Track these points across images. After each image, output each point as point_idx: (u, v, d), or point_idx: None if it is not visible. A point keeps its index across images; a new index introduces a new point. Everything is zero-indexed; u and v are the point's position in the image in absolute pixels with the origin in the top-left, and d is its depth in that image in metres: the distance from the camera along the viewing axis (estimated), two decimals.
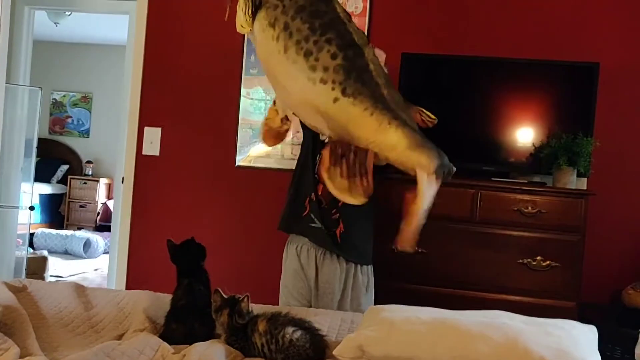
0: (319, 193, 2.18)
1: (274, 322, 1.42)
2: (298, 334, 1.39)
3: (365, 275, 2.21)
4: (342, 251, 2.16)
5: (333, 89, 1.58)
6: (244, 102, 3.33)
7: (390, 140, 1.57)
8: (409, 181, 2.62)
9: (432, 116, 1.84)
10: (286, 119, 1.96)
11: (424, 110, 1.84)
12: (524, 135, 2.87)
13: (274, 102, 1.99)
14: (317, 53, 1.59)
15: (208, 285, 1.63)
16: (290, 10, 1.62)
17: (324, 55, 1.59)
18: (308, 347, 1.39)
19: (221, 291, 1.52)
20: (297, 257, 2.21)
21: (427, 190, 1.57)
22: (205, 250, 1.69)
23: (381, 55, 2.21)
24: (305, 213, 2.19)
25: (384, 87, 1.62)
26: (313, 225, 2.17)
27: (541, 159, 2.75)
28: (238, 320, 1.46)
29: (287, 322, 1.43)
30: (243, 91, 3.33)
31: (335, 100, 1.58)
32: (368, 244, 2.25)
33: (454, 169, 1.63)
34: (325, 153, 1.74)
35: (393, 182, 2.69)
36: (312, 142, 2.22)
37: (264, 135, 2.15)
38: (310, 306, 2.18)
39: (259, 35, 1.68)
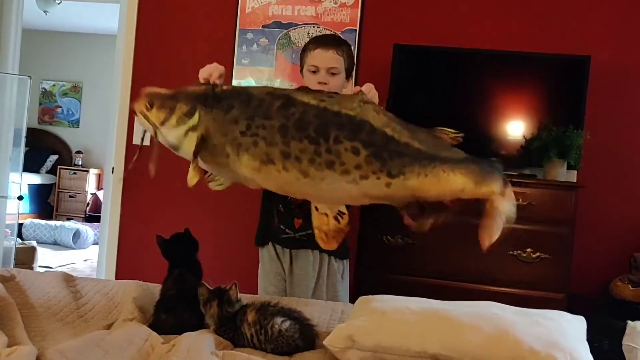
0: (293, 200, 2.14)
1: (263, 312, 1.42)
2: (287, 324, 1.39)
3: (340, 263, 2.22)
4: (318, 248, 2.17)
5: (379, 178, 1.57)
6: None
7: (456, 186, 1.60)
8: None
9: (455, 132, 1.84)
10: (340, 213, 1.80)
11: (445, 129, 1.83)
12: (515, 127, 2.88)
13: (315, 208, 1.78)
14: (338, 159, 1.55)
15: (200, 275, 1.61)
16: (275, 137, 1.54)
17: (346, 156, 1.55)
18: (297, 337, 1.38)
19: (206, 284, 1.51)
20: (273, 245, 2.22)
21: (504, 206, 1.65)
22: (197, 243, 1.67)
23: (371, 90, 2.02)
24: (275, 226, 2.18)
25: (412, 140, 1.61)
26: (285, 236, 2.17)
27: (532, 152, 2.76)
28: (228, 309, 1.45)
29: (276, 312, 1.43)
30: (234, 82, 3.32)
31: (388, 185, 1.57)
32: (345, 238, 2.28)
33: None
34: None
35: None
36: None
37: (326, 241, 1.81)
38: (286, 292, 2.19)
39: (257, 176, 1.59)
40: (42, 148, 7.60)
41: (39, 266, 4.85)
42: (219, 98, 1.70)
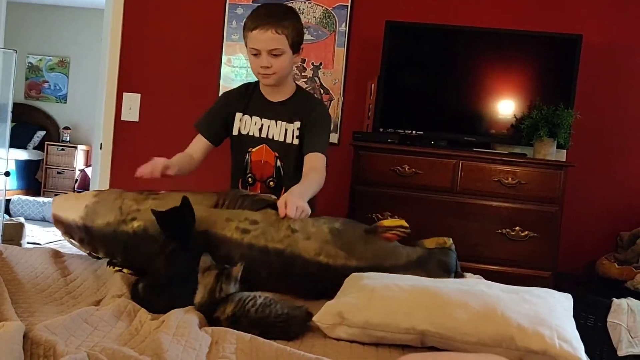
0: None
1: (241, 306, 1.32)
2: (271, 304, 1.33)
3: None
4: None
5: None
6: (224, 69, 3.28)
7: None
8: (391, 150, 2.60)
9: (401, 226, 1.69)
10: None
11: (391, 225, 1.69)
12: (506, 106, 2.88)
13: None
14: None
15: (195, 253, 1.47)
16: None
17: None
18: (286, 312, 1.33)
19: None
20: None
21: None
22: (194, 214, 1.54)
23: (297, 206, 1.68)
24: None
25: (349, 260, 1.56)
26: None
27: (522, 130, 2.77)
28: (224, 284, 1.35)
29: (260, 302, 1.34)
30: (224, 58, 3.28)
31: None
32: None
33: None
34: None
35: (373, 153, 2.69)
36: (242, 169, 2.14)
37: None
38: None
39: None
40: (29, 124, 7.52)
41: (27, 242, 4.82)
42: (136, 242, 1.60)
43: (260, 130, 2.09)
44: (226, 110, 2.13)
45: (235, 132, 2.12)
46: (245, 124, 2.11)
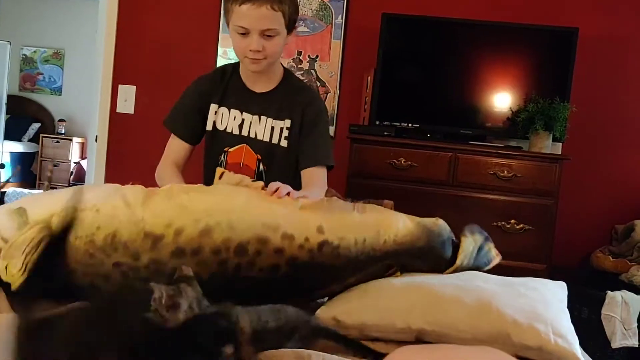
0: None
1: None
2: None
3: None
4: None
5: None
6: (220, 61, 3.27)
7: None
8: (387, 143, 2.61)
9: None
10: None
11: None
12: (502, 99, 2.88)
13: None
14: None
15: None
16: None
17: None
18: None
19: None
20: None
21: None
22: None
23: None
24: None
25: None
26: None
27: (518, 123, 2.77)
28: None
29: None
30: (220, 50, 3.27)
31: None
32: None
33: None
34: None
35: (369, 145, 2.69)
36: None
37: None
38: None
39: None
40: (24, 116, 7.48)
41: None
42: None
43: (241, 127, 1.79)
44: (199, 102, 1.82)
45: (209, 127, 1.83)
46: (222, 118, 1.80)
